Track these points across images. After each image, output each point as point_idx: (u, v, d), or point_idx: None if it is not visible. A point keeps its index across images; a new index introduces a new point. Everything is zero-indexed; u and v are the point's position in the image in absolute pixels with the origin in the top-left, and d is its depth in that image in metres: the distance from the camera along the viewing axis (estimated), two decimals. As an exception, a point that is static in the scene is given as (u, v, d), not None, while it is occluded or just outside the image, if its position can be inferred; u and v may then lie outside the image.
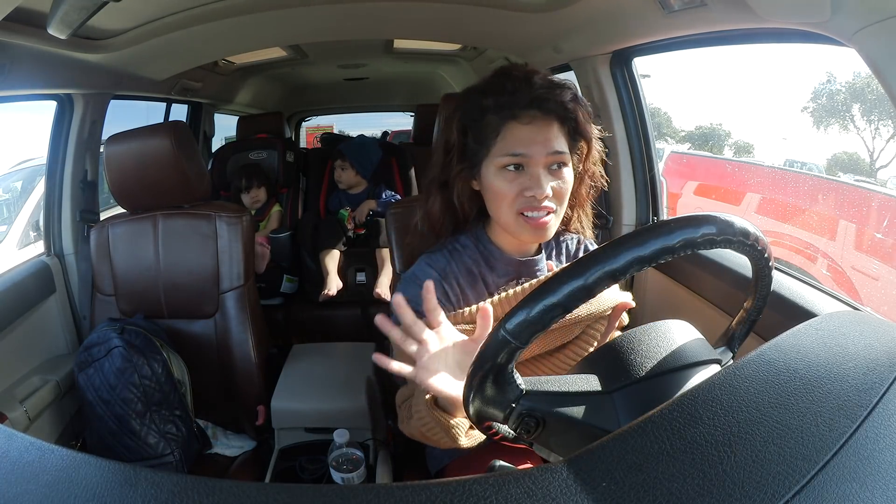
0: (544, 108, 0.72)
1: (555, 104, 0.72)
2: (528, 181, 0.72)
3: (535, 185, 0.72)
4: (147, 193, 1.26)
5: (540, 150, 0.72)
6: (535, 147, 0.72)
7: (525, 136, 0.72)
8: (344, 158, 2.16)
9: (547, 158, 0.73)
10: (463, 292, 0.80)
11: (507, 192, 0.73)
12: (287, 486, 0.36)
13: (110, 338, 1.14)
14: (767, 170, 3.01)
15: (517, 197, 0.73)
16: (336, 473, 1.02)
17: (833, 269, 2.14)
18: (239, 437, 1.30)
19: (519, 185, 0.73)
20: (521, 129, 0.73)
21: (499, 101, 0.73)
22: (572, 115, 0.74)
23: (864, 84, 2.34)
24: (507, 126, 0.73)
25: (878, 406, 0.40)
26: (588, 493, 0.33)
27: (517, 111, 0.73)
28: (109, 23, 1.22)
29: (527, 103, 0.72)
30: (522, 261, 0.81)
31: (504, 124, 0.73)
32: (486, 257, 0.81)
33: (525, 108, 0.72)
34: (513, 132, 0.73)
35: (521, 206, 0.73)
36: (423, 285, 0.66)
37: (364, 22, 1.55)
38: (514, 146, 0.73)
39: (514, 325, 0.47)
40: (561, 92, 0.73)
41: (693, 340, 0.55)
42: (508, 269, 0.81)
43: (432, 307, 0.62)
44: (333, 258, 2.04)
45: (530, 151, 0.72)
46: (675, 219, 0.47)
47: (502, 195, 0.74)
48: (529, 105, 0.72)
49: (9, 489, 0.35)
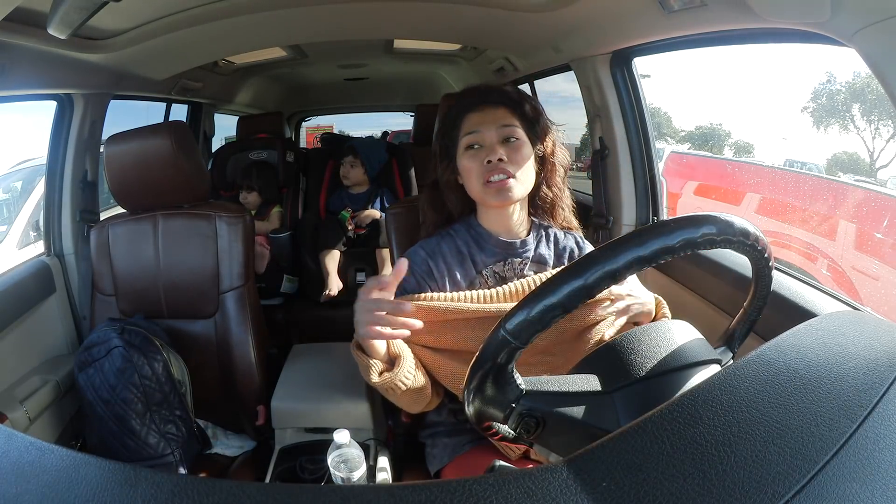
0: (490, 101, 0.91)
1: (499, 95, 0.91)
2: (484, 152, 0.87)
3: (490, 151, 0.87)
4: (147, 193, 1.26)
5: (490, 126, 0.88)
6: (486, 125, 0.89)
7: (477, 119, 0.90)
8: (356, 155, 2.15)
9: (498, 132, 0.88)
10: (450, 269, 0.91)
11: (472, 165, 0.88)
12: (287, 486, 0.37)
13: (110, 338, 1.14)
14: (767, 170, 3.00)
15: (480, 168, 0.87)
16: (336, 473, 1.01)
17: (833, 269, 2.13)
18: (239, 437, 1.30)
19: (479, 158, 0.87)
20: (475, 115, 0.90)
21: (461, 102, 0.93)
22: (516, 100, 0.90)
23: (864, 84, 2.34)
24: (465, 117, 0.91)
25: (878, 406, 0.40)
26: (588, 493, 0.33)
27: (472, 107, 0.91)
28: (109, 23, 1.22)
29: (479, 101, 0.91)
30: (509, 242, 0.92)
31: (463, 117, 0.91)
32: (475, 239, 0.93)
33: (478, 103, 0.91)
34: (469, 119, 0.90)
35: (485, 174, 0.87)
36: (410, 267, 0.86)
37: (364, 22, 1.55)
38: (470, 128, 0.89)
39: (514, 325, 0.47)
40: (506, 90, 0.92)
41: (693, 340, 0.55)
42: (496, 249, 0.92)
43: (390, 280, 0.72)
44: (333, 258, 2.04)
45: (482, 128, 0.88)
46: (675, 219, 0.47)
47: (469, 169, 0.88)
48: (481, 101, 0.91)
49: (9, 489, 0.35)
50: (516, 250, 0.92)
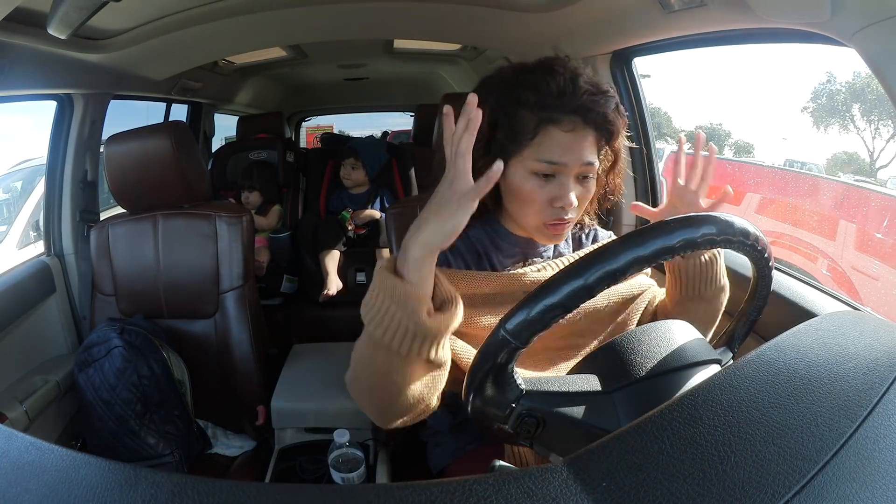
0: (587, 118, 0.68)
1: (598, 114, 0.68)
2: (558, 190, 0.70)
3: (564, 195, 0.69)
4: (147, 193, 1.26)
5: (575, 160, 0.69)
6: (571, 156, 0.69)
7: (564, 143, 0.68)
8: (357, 157, 2.15)
9: (579, 168, 0.70)
10: (467, 266, 0.78)
11: (537, 198, 0.71)
12: (287, 486, 0.37)
13: (110, 338, 1.14)
14: (767, 170, 3.01)
15: (545, 205, 0.71)
16: (336, 473, 1.01)
17: (833, 269, 2.13)
18: (239, 437, 1.30)
19: (548, 192, 0.70)
20: (561, 135, 0.68)
21: (541, 100, 0.69)
22: (611, 129, 0.71)
23: (864, 84, 2.34)
24: (546, 129, 0.69)
25: (878, 406, 0.40)
26: (588, 493, 0.33)
27: (559, 115, 0.68)
28: (109, 23, 1.22)
29: (571, 109, 0.68)
30: (528, 239, 0.79)
31: (543, 127, 0.69)
32: (492, 238, 0.80)
33: (568, 113, 0.68)
34: (551, 137, 0.69)
35: (548, 219, 0.71)
36: None
37: (364, 22, 1.55)
38: (551, 153, 0.69)
39: (514, 325, 0.47)
40: (606, 101, 0.69)
41: (693, 340, 0.55)
42: (514, 249, 0.80)
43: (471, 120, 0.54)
44: (333, 258, 2.04)
45: (566, 160, 0.69)
46: (675, 219, 0.47)
47: (531, 200, 0.71)
48: (574, 111, 0.68)
49: (9, 489, 0.35)
50: (536, 248, 0.80)
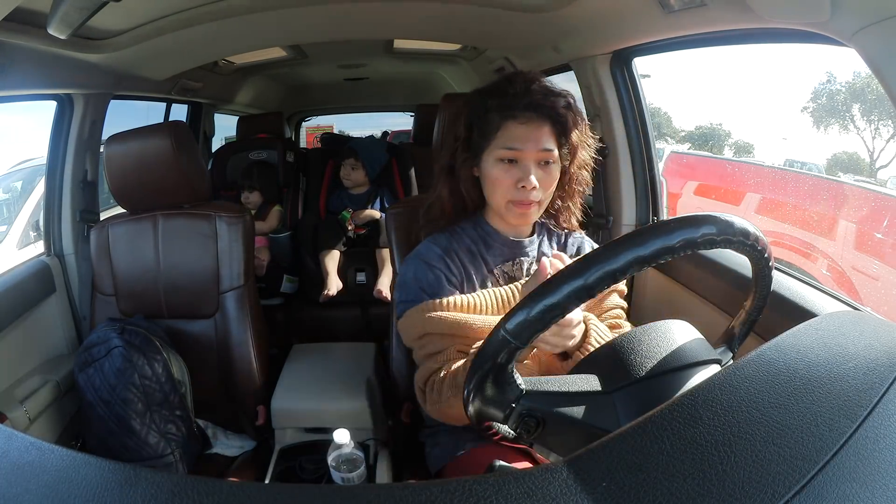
0: (539, 111, 0.83)
1: (548, 109, 0.83)
2: (520, 172, 0.83)
3: (525, 176, 0.83)
4: (147, 193, 1.26)
5: (532, 146, 0.83)
6: (528, 144, 0.83)
7: (520, 133, 0.83)
8: (357, 158, 2.15)
9: (537, 154, 0.83)
10: (465, 266, 0.90)
11: (503, 180, 0.84)
12: (287, 486, 0.37)
13: (110, 338, 1.14)
14: (767, 170, 3.01)
15: (510, 187, 0.84)
16: (336, 473, 1.01)
17: (833, 269, 2.14)
18: (239, 437, 1.30)
19: (512, 175, 0.84)
20: (518, 127, 0.83)
21: (501, 102, 0.84)
22: (563, 120, 0.84)
23: (864, 84, 2.34)
24: (506, 124, 0.84)
25: (878, 406, 0.40)
26: (588, 493, 0.33)
27: (516, 112, 0.83)
28: (109, 23, 1.22)
29: (525, 106, 0.83)
30: (516, 241, 0.92)
31: (504, 122, 0.84)
32: (483, 238, 0.92)
33: (523, 109, 0.83)
34: (510, 129, 0.84)
35: (513, 197, 0.85)
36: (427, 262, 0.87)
37: (364, 22, 1.55)
38: (510, 141, 0.83)
39: (514, 325, 0.47)
40: (555, 99, 0.83)
41: (693, 340, 0.55)
42: (504, 249, 0.92)
43: None
44: (333, 258, 2.04)
45: (524, 147, 0.83)
46: (675, 219, 0.47)
47: (498, 182, 0.85)
48: (527, 107, 0.83)
49: (9, 489, 0.35)
50: (523, 249, 0.92)
